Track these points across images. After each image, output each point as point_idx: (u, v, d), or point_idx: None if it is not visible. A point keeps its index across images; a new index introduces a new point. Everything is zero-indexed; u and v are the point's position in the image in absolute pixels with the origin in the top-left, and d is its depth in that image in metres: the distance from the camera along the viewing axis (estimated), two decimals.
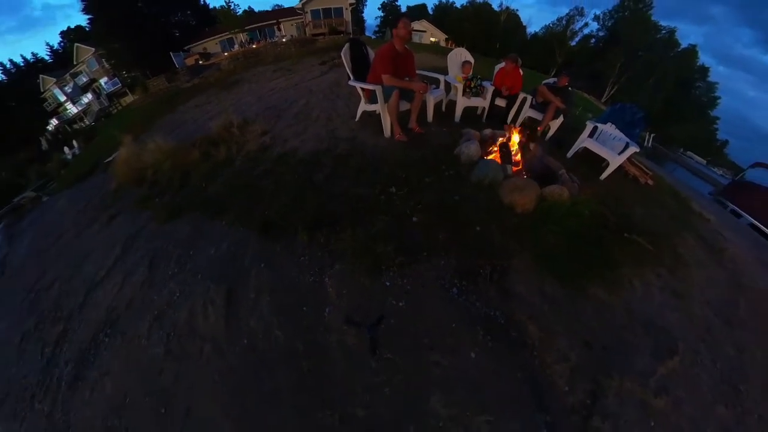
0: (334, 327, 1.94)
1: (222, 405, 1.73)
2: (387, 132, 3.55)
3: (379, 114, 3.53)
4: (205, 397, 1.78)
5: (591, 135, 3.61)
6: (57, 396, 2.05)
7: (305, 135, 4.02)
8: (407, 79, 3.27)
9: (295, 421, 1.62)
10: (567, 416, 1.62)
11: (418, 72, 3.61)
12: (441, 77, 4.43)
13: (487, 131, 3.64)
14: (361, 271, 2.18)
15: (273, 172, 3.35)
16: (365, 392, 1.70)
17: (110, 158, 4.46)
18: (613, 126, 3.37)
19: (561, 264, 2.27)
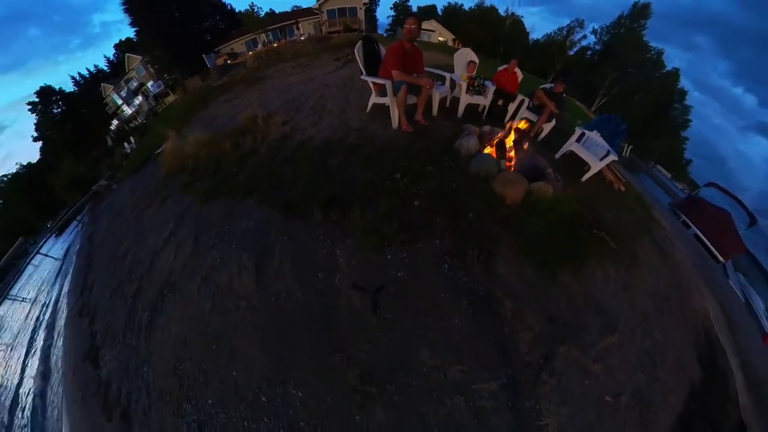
0: (343, 291, 2.23)
1: (257, 347, 2.09)
2: (395, 123, 3.67)
3: (388, 106, 3.64)
4: (244, 340, 2.15)
5: (578, 140, 3.78)
6: (139, 334, 2.58)
7: (321, 125, 4.19)
8: (415, 75, 3.31)
9: (312, 361, 1.97)
10: (524, 371, 1.96)
11: (426, 69, 3.69)
12: (447, 75, 4.46)
13: (486, 128, 3.75)
14: (367, 245, 2.46)
15: (292, 159, 3.57)
16: (367, 343, 1.93)
17: (159, 150, 4.99)
18: (598, 134, 3.54)
19: (539, 252, 2.51)
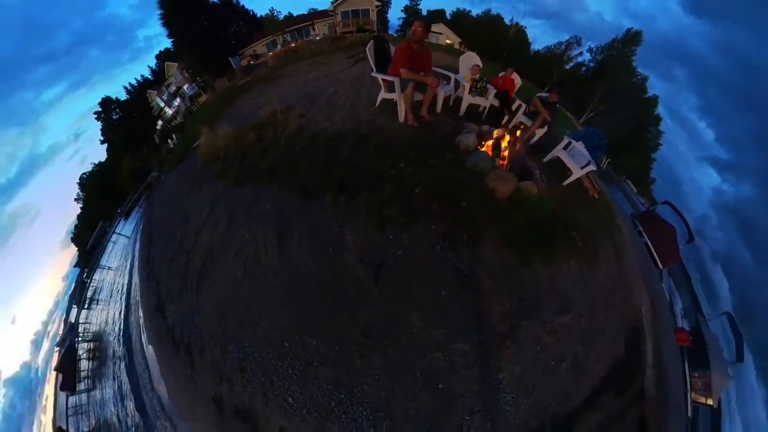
0: (349, 264, 2.56)
1: (280, 305, 2.51)
2: (401, 117, 3.77)
3: (396, 102, 3.73)
4: (269, 300, 2.57)
5: (565, 148, 3.98)
6: (191, 294, 3.10)
7: (334, 118, 4.35)
8: (422, 73, 3.32)
9: (323, 318, 2.36)
10: (492, 337, 2.36)
11: (432, 68, 3.78)
12: (452, 75, 4.55)
13: (485, 127, 3.90)
14: (372, 226, 2.77)
15: (308, 149, 3.78)
16: (368, 306, 2.22)
17: (195, 144, 5.40)
18: (583, 145, 3.75)
19: (519, 242, 2.79)
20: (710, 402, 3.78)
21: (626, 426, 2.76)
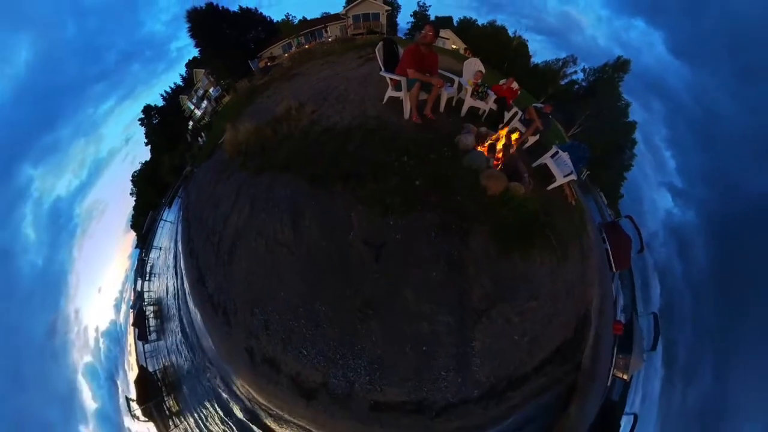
0: (354, 244, 2.89)
1: (295, 278, 2.90)
2: (406, 114, 3.93)
3: (402, 99, 3.87)
4: (286, 273, 2.95)
5: (552, 156, 4.22)
6: (223, 268, 3.52)
7: (343, 113, 4.51)
8: (428, 74, 3.47)
9: (331, 289, 2.73)
10: (471, 314, 2.75)
11: (439, 70, 3.77)
12: (456, 78, 4.70)
13: (483, 129, 4.08)
14: (375, 212, 3.05)
15: (319, 141, 3.99)
16: (369, 281, 2.57)
17: (221, 140, 5.78)
18: (568, 156, 3.99)
19: (503, 236, 3.09)
20: (625, 377, 4.72)
21: (561, 387, 3.39)
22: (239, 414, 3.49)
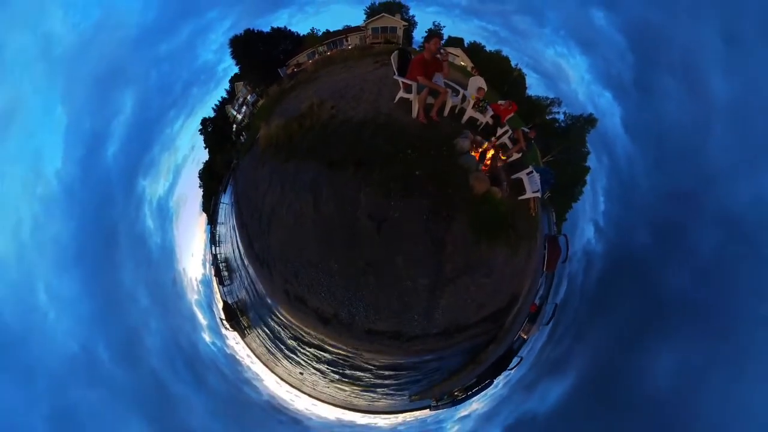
0: (361, 219, 3.53)
1: (315, 242, 3.58)
2: (414, 114, 4.28)
3: (411, 101, 4.23)
4: (309, 239, 3.65)
5: (527, 174, 4.80)
6: (264, 236, 4.36)
7: (358, 109, 4.93)
8: (434, 81, 3.91)
9: (341, 251, 3.46)
10: (442, 280, 3.52)
11: (447, 81, 4.20)
12: (461, 90, 4.95)
13: (478, 138, 4.40)
14: (380, 194, 3.64)
15: (337, 132, 4.46)
16: (373, 248, 3.35)
17: (258, 136, 6.50)
18: (539, 177, 4.56)
19: (479, 228, 3.67)
20: (525, 337, 6.66)
21: (488, 336, 4.68)
22: (282, 333, 5.13)
